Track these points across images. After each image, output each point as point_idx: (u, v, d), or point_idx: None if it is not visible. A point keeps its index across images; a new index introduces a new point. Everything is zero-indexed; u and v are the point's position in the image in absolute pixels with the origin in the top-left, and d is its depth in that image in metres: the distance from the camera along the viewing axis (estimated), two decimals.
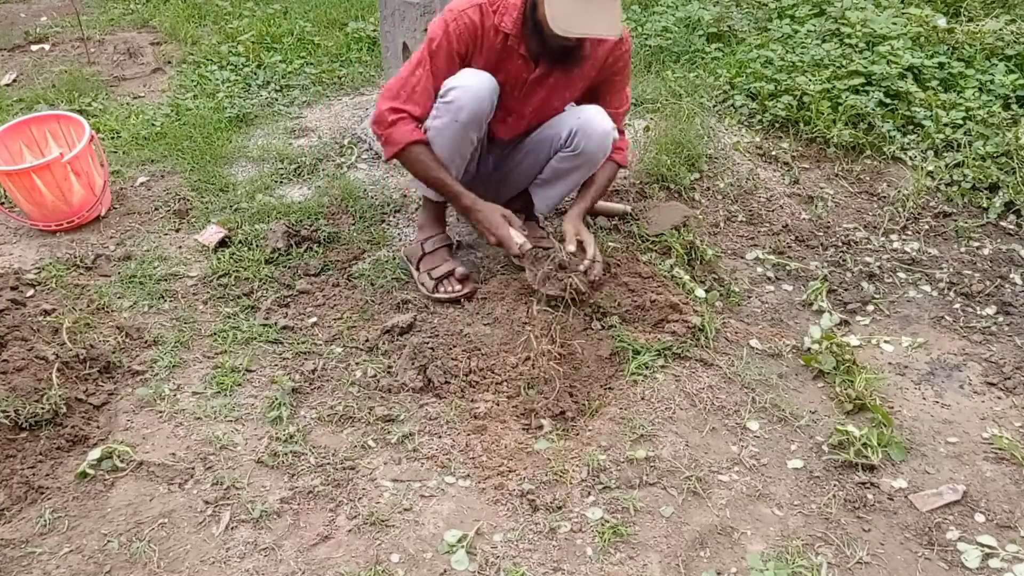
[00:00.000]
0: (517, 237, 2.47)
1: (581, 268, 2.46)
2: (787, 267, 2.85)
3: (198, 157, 3.39)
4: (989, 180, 3.13)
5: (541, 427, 2.21)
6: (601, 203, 3.02)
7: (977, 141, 3.25)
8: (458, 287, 2.62)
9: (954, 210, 3.09)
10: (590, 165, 2.59)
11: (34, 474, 2.05)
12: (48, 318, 2.49)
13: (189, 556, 1.87)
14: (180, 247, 2.92)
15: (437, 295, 2.62)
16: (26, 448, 2.10)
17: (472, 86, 2.37)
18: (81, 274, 2.78)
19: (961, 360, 2.48)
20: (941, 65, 3.60)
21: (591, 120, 2.51)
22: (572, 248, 2.49)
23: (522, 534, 1.92)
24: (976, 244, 2.96)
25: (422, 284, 2.68)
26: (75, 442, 2.14)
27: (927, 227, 3.04)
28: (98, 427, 2.20)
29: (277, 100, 3.91)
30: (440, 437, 2.18)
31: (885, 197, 3.17)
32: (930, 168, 3.20)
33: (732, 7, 4.42)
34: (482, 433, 2.19)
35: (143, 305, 2.64)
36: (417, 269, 2.72)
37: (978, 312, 2.67)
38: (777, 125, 3.48)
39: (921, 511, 1.99)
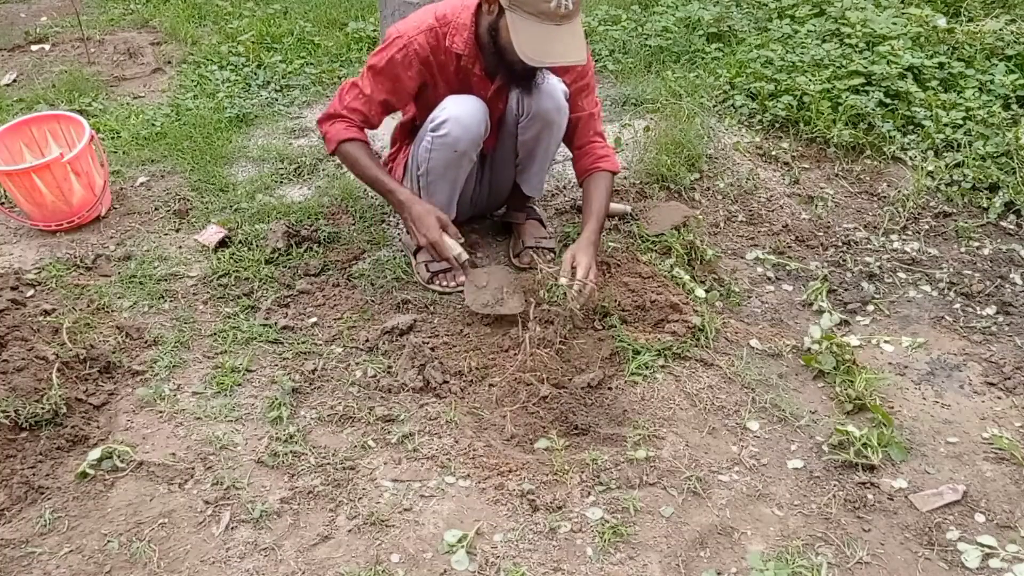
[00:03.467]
0: (453, 247, 2.41)
1: (573, 290, 2.37)
2: (787, 267, 2.85)
3: (198, 157, 3.39)
4: (989, 180, 3.13)
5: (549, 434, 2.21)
6: None
7: (977, 141, 3.24)
8: (453, 284, 2.67)
9: (954, 210, 3.09)
10: (550, 125, 2.51)
11: (34, 474, 2.05)
12: (48, 318, 2.50)
13: (189, 556, 1.87)
14: (180, 247, 2.92)
15: (432, 287, 2.67)
16: (26, 448, 2.10)
17: (463, 116, 2.39)
18: (81, 274, 2.78)
19: (961, 360, 2.48)
20: (941, 65, 3.60)
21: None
22: (564, 281, 2.39)
23: (522, 534, 1.92)
24: (976, 244, 2.96)
25: (418, 273, 2.72)
26: (75, 442, 2.14)
27: (927, 227, 3.04)
28: (98, 427, 2.20)
29: (277, 100, 3.91)
30: (440, 437, 2.18)
31: (885, 197, 3.17)
32: (930, 168, 3.20)
33: (732, 7, 4.41)
34: (482, 433, 2.19)
35: (143, 305, 2.64)
36: (415, 257, 2.75)
37: (978, 312, 2.67)
38: (777, 125, 3.48)
39: (921, 511, 1.99)
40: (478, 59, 2.42)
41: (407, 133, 2.73)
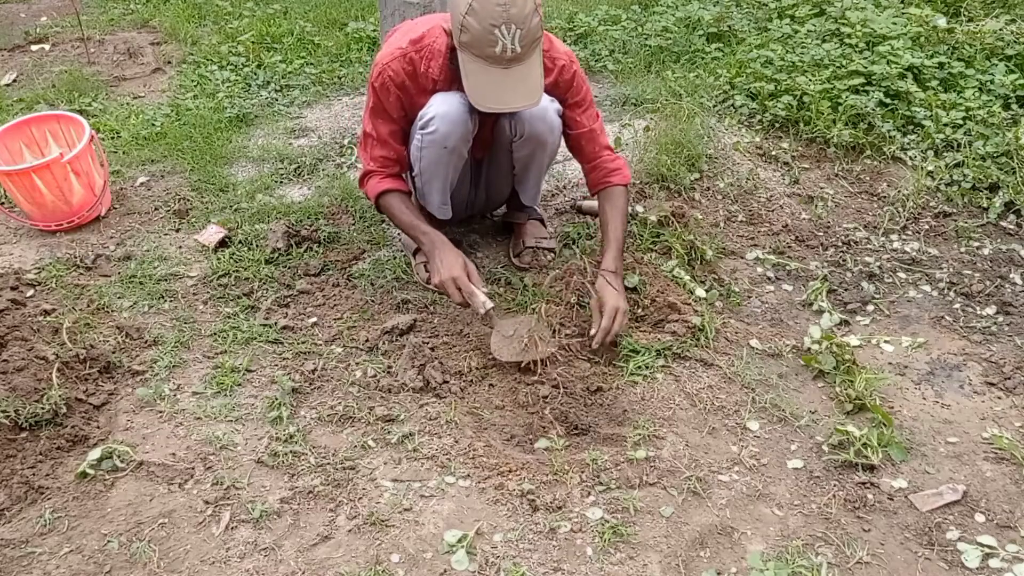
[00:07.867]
0: (484, 300, 2.36)
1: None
2: (787, 267, 2.84)
3: (198, 157, 3.39)
4: (989, 180, 3.13)
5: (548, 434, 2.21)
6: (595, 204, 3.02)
7: (977, 141, 3.24)
8: None
9: (954, 210, 3.09)
10: (544, 145, 2.50)
11: (34, 474, 2.05)
12: (48, 318, 2.50)
13: (189, 556, 1.87)
14: (180, 247, 2.92)
15: (432, 287, 2.65)
16: (26, 448, 2.10)
17: (450, 112, 2.37)
18: (81, 274, 2.78)
19: (961, 360, 2.48)
20: (941, 65, 3.60)
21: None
22: (593, 331, 2.38)
23: (522, 534, 1.92)
24: (976, 244, 2.96)
25: (417, 273, 2.73)
26: (75, 442, 2.14)
27: (927, 227, 3.04)
28: (98, 427, 2.20)
29: (277, 100, 3.91)
30: (440, 437, 2.18)
31: (885, 197, 3.17)
32: (930, 168, 3.20)
33: (732, 7, 4.42)
34: (482, 433, 2.19)
35: (143, 305, 2.64)
36: (415, 257, 2.76)
37: (978, 312, 2.67)
38: (777, 125, 3.47)
39: (921, 511, 1.99)
40: (454, 83, 2.36)
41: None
